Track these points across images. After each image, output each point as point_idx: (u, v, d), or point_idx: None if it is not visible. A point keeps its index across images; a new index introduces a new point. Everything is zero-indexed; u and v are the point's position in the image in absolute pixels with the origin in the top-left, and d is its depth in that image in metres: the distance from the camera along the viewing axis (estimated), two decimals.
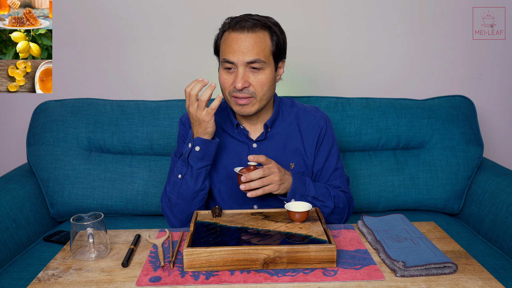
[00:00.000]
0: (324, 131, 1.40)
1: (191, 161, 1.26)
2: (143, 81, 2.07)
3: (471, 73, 2.10)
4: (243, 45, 1.22)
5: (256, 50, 1.23)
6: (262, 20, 1.26)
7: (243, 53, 1.22)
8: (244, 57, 1.22)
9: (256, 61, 1.23)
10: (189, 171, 1.27)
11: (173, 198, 1.32)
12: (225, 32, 1.28)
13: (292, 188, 1.25)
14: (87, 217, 1.10)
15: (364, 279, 0.95)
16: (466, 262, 1.03)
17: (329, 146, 1.41)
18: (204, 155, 1.26)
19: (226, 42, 1.25)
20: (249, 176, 1.18)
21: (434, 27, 2.04)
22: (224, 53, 1.25)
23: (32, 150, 1.78)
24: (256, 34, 1.24)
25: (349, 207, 1.39)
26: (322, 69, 2.07)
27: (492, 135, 2.17)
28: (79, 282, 0.97)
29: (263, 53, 1.24)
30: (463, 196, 1.80)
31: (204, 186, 1.30)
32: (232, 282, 0.95)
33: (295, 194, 1.26)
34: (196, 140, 1.24)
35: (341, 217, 1.37)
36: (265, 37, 1.25)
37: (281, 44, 1.29)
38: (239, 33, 1.23)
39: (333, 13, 2.02)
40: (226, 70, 1.27)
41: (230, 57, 1.23)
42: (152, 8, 2.00)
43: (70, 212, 1.73)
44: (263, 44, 1.24)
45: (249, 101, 1.27)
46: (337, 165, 1.42)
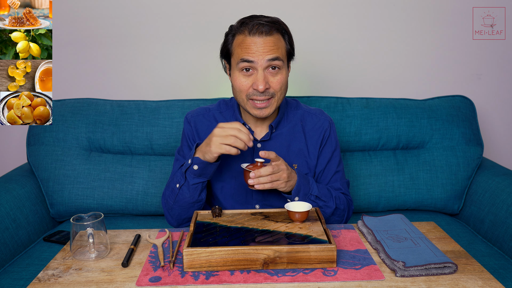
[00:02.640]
0: (328, 134, 1.41)
1: (188, 176, 1.26)
2: (143, 81, 2.07)
3: (471, 73, 2.10)
4: (262, 46, 1.22)
5: (276, 49, 1.24)
6: (276, 22, 1.26)
7: (264, 52, 1.22)
8: (265, 56, 1.22)
9: (277, 58, 1.23)
10: (186, 184, 1.27)
11: (170, 203, 1.33)
12: (237, 35, 1.26)
13: (297, 186, 1.25)
14: (87, 217, 1.10)
15: (364, 279, 0.96)
16: (466, 262, 1.03)
17: (332, 148, 1.42)
18: (202, 174, 1.26)
19: (243, 44, 1.24)
20: (259, 173, 1.18)
21: (434, 27, 2.04)
22: (242, 54, 1.24)
23: (32, 150, 1.78)
24: (273, 37, 1.24)
25: (348, 210, 1.39)
26: (322, 69, 2.07)
27: (492, 135, 2.17)
28: (79, 282, 0.97)
29: (282, 52, 1.26)
30: (463, 196, 1.80)
31: (200, 198, 1.30)
32: (232, 282, 0.95)
33: (299, 192, 1.26)
34: (195, 159, 1.24)
35: (341, 219, 1.37)
36: (280, 39, 1.26)
37: (292, 43, 1.31)
38: (257, 37, 1.22)
39: (333, 13, 2.02)
40: (243, 72, 1.26)
41: (250, 57, 1.23)
42: (152, 8, 2.00)
43: (70, 212, 1.73)
44: (281, 43, 1.26)
45: (268, 103, 1.27)
46: (338, 167, 1.43)
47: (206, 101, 1.84)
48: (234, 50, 1.27)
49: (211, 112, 1.43)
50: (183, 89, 2.07)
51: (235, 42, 1.26)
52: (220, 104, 1.45)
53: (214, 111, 1.43)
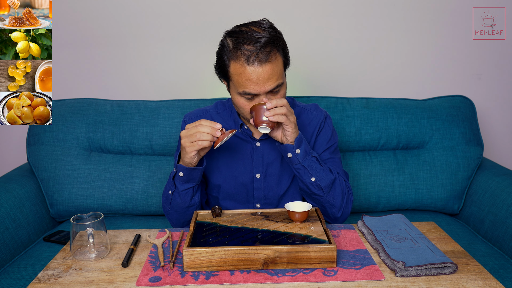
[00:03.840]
0: (322, 125, 1.41)
1: (177, 183, 1.27)
2: (143, 81, 2.07)
3: (471, 73, 2.10)
4: (262, 76, 1.18)
5: (275, 77, 1.20)
6: (270, 42, 1.18)
7: (264, 84, 1.19)
8: (265, 87, 1.19)
9: (277, 86, 1.21)
10: (177, 190, 1.28)
11: (167, 208, 1.34)
12: (233, 62, 1.20)
13: (299, 136, 1.23)
14: (87, 217, 1.10)
15: (364, 279, 0.96)
16: (466, 262, 1.03)
17: (327, 138, 1.40)
18: (189, 179, 1.26)
19: (242, 76, 1.18)
20: (275, 102, 1.16)
21: (434, 27, 2.04)
22: (242, 86, 1.20)
23: (32, 150, 1.78)
24: (272, 63, 1.18)
25: (348, 195, 1.34)
26: (322, 69, 2.07)
27: (492, 135, 2.17)
28: (79, 282, 0.97)
29: (280, 75, 1.22)
30: (463, 196, 1.80)
31: (193, 203, 1.30)
32: (232, 282, 0.95)
33: (300, 145, 1.24)
34: (179, 166, 1.23)
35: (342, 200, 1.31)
36: (277, 59, 1.21)
37: (286, 51, 1.26)
38: (256, 67, 1.17)
39: (333, 13, 2.01)
40: (246, 96, 1.23)
41: (252, 90, 1.20)
42: (152, 8, 2.00)
43: (70, 212, 1.73)
44: (278, 67, 1.21)
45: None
46: (332, 155, 1.41)
47: (206, 101, 1.84)
48: (233, 77, 1.22)
49: (208, 113, 1.43)
50: (183, 89, 2.07)
51: (233, 70, 1.21)
52: (217, 105, 1.45)
53: (212, 112, 1.43)
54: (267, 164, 1.37)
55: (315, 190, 1.28)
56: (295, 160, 1.25)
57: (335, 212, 1.32)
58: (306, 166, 1.25)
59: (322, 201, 1.30)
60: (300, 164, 1.25)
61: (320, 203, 1.31)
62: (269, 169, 1.37)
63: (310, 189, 1.28)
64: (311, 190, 1.28)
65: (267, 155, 1.37)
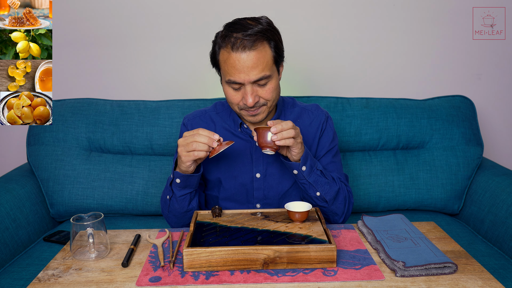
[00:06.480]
0: (324, 126, 1.41)
1: (174, 189, 1.26)
2: (143, 81, 2.07)
3: (471, 73, 2.10)
4: (246, 64, 1.18)
5: (260, 67, 1.20)
6: (259, 32, 1.19)
7: (248, 72, 1.19)
8: (249, 77, 1.20)
9: (262, 78, 1.21)
10: (174, 196, 1.28)
11: (165, 212, 1.34)
12: (222, 49, 1.22)
13: (305, 153, 1.23)
14: (87, 217, 1.10)
15: (364, 279, 0.96)
16: (466, 262, 1.03)
17: (329, 139, 1.41)
18: (186, 185, 1.25)
19: (227, 62, 1.20)
20: (281, 127, 1.14)
21: (434, 27, 2.04)
22: (228, 74, 1.22)
23: (32, 150, 1.78)
24: (257, 50, 1.19)
25: (349, 199, 1.36)
26: (322, 69, 2.07)
27: (492, 135, 2.17)
28: (79, 282, 0.97)
29: (267, 66, 1.22)
30: (463, 196, 1.80)
31: (191, 208, 1.30)
32: (232, 282, 0.95)
33: (306, 161, 1.23)
34: (176, 173, 1.23)
35: (343, 208, 1.34)
36: (265, 49, 1.21)
37: (279, 46, 1.26)
38: (240, 53, 1.18)
39: (333, 13, 2.02)
40: (233, 85, 1.24)
41: (236, 78, 1.20)
42: (152, 8, 2.00)
43: (70, 212, 1.73)
44: (265, 58, 1.21)
45: (260, 110, 1.27)
46: (334, 158, 1.41)
47: (206, 101, 1.84)
48: (221, 65, 1.24)
49: (207, 114, 1.43)
50: (183, 89, 2.07)
51: (221, 57, 1.23)
52: (216, 105, 1.45)
53: (211, 113, 1.43)
54: (267, 164, 1.37)
55: (319, 203, 1.29)
56: (300, 176, 1.26)
57: (337, 219, 1.35)
58: (312, 182, 1.26)
59: (325, 211, 1.32)
60: (305, 179, 1.25)
61: (324, 212, 1.32)
62: (269, 169, 1.37)
63: (315, 201, 1.29)
64: (316, 202, 1.30)
65: (267, 154, 1.37)
